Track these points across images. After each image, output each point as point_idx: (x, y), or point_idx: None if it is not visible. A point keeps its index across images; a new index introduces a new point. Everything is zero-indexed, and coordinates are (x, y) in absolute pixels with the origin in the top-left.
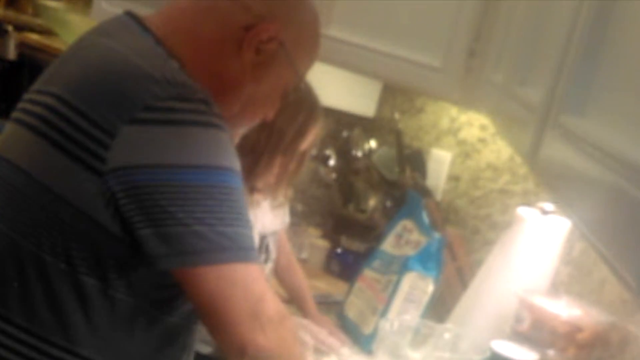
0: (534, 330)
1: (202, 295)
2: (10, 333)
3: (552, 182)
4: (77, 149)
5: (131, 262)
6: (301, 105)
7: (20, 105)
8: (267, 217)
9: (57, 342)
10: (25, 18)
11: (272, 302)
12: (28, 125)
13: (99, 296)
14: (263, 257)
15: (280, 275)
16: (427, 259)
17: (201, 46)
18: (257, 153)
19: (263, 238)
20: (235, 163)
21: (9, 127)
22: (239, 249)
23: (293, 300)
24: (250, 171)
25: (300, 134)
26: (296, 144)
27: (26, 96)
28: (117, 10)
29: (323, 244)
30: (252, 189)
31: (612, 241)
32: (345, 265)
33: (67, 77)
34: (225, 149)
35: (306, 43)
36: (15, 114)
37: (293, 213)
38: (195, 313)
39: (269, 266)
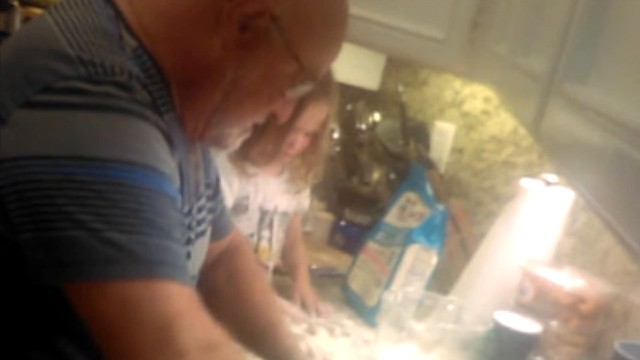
0: (537, 301)
1: (89, 316)
2: None
3: (556, 151)
4: None
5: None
6: None
7: None
8: (273, 193)
9: None
10: None
11: (188, 328)
12: None
13: (7, 310)
14: (267, 234)
15: (282, 251)
16: (431, 231)
17: (175, 20)
18: None
19: (265, 214)
20: (149, 158)
21: None
22: (135, 261)
23: (289, 272)
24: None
25: (298, 108)
26: (292, 118)
27: None
28: None
29: (327, 217)
30: (244, 157)
31: (617, 207)
32: (349, 238)
33: None
34: (137, 140)
35: (314, 21)
36: None
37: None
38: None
39: (275, 246)
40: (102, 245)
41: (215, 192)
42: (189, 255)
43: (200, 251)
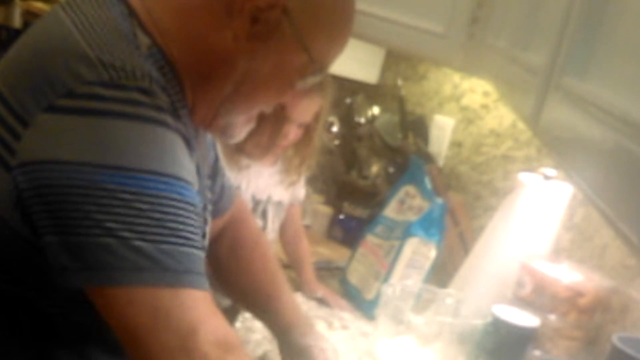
0: (536, 295)
1: (116, 321)
2: None
3: (555, 145)
4: None
5: (49, 271)
6: None
7: None
8: (266, 184)
9: None
10: None
11: (209, 334)
12: None
13: (25, 309)
14: (259, 223)
15: (285, 244)
16: (430, 225)
17: (187, 14)
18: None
19: (258, 203)
20: (173, 167)
21: None
22: (163, 270)
23: (292, 267)
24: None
25: (292, 101)
26: (287, 110)
27: None
28: None
29: (326, 210)
30: (239, 150)
31: (616, 201)
32: (348, 231)
33: (6, 59)
34: (160, 149)
35: (323, 13)
36: None
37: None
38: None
39: (268, 236)
40: (130, 253)
41: (214, 172)
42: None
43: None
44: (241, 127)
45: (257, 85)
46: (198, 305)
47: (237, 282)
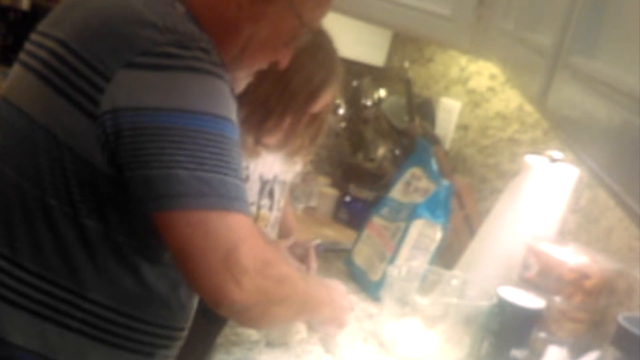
0: (541, 277)
1: (174, 241)
2: (18, 276)
3: (563, 125)
4: (76, 93)
5: (129, 205)
6: (319, 67)
7: (27, 46)
8: (270, 162)
9: (65, 284)
10: None
11: (248, 251)
12: (33, 69)
13: (102, 239)
14: (267, 202)
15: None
16: (436, 206)
17: None
18: (267, 109)
19: (265, 183)
20: (229, 113)
21: (16, 69)
22: (219, 196)
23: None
24: (259, 126)
25: (314, 96)
26: (308, 105)
27: (32, 36)
28: None
29: (332, 192)
30: (258, 141)
31: (625, 179)
32: (354, 213)
33: (72, 22)
34: (219, 97)
35: None
36: (22, 56)
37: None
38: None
39: (275, 214)
40: (197, 182)
41: None
42: None
43: None
44: (241, 81)
45: (258, 47)
46: (242, 227)
47: None
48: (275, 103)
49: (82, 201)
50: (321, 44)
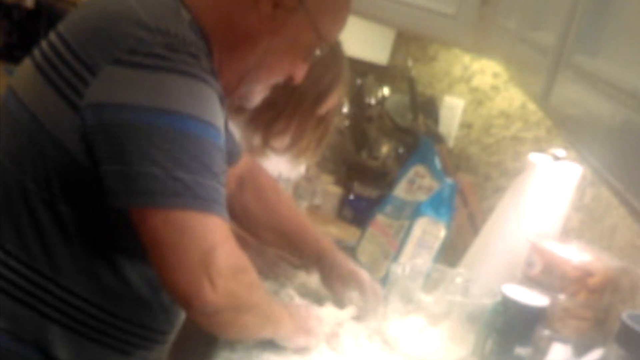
0: (545, 275)
1: (149, 238)
2: (1, 259)
3: (566, 123)
4: (63, 84)
5: (104, 198)
6: (326, 69)
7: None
8: (275, 161)
9: (42, 270)
10: None
11: (225, 254)
12: (33, 59)
13: (78, 227)
14: None
15: None
16: (439, 204)
17: (220, 0)
18: (276, 111)
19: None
20: (213, 118)
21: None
22: (195, 197)
23: None
24: (267, 128)
25: (321, 98)
26: (315, 107)
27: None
28: None
29: (336, 190)
30: (266, 144)
31: (628, 177)
32: (358, 211)
33: (73, 18)
34: (203, 101)
35: (330, 1)
36: (34, 51)
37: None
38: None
39: None
40: (172, 182)
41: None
42: None
43: None
44: (258, 95)
45: (275, 60)
46: (218, 230)
47: (268, 222)
48: (283, 105)
49: (58, 187)
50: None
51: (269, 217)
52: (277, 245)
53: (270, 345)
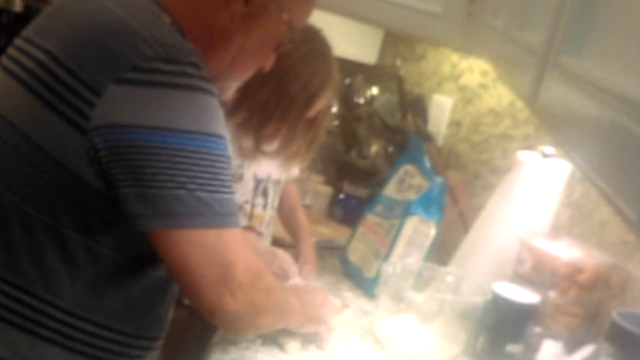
0: (535, 272)
1: (173, 258)
2: None
3: (553, 123)
4: (64, 106)
5: (115, 218)
6: (316, 73)
7: (11, 52)
8: (266, 162)
9: (37, 293)
10: None
11: (244, 267)
12: (19, 78)
13: (83, 250)
14: (261, 201)
15: (283, 217)
16: (429, 203)
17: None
18: (266, 114)
19: (259, 182)
20: (221, 129)
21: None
22: (215, 214)
23: (291, 237)
24: (258, 131)
25: (311, 101)
26: (305, 110)
27: (17, 42)
28: None
29: (326, 190)
30: (257, 148)
31: (613, 177)
32: (348, 211)
33: (59, 33)
34: (211, 115)
35: None
36: (5, 61)
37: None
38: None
39: (269, 213)
40: (194, 202)
41: None
42: None
43: None
44: (232, 88)
45: (249, 55)
46: (236, 243)
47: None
48: (273, 108)
49: (63, 211)
50: (320, 49)
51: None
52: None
53: (262, 346)
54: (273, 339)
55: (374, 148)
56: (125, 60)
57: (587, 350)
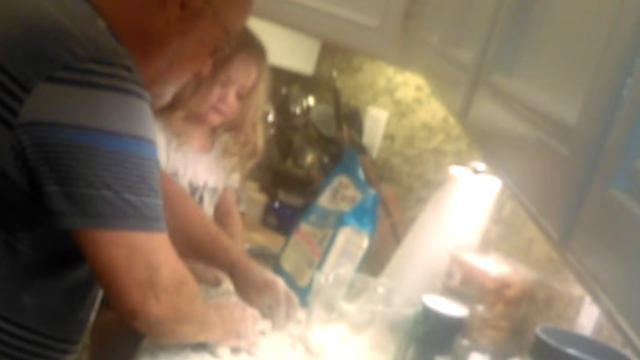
0: (464, 285)
1: (98, 257)
2: None
3: (482, 140)
4: None
5: (37, 216)
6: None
7: None
8: (203, 169)
9: None
10: None
11: (170, 271)
12: None
13: (2, 246)
14: None
15: (217, 222)
16: (362, 214)
17: (126, 2)
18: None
19: (195, 190)
20: (151, 133)
21: None
22: (143, 217)
23: None
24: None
25: (222, 63)
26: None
27: None
28: None
29: (261, 197)
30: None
31: (537, 196)
32: (283, 219)
33: None
34: (141, 118)
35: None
36: None
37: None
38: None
39: None
40: (122, 204)
41: None
42: None
43: None
44: (169, 93)
45: (185, 59)
46: (164, 247)
47: (175, 231)
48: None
49: None
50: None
51: (176, 226)
52: (187, 256)
53: (193, 352)
54: (203, 345)
55: (310, 158)
56: (57, 59)
57: None
